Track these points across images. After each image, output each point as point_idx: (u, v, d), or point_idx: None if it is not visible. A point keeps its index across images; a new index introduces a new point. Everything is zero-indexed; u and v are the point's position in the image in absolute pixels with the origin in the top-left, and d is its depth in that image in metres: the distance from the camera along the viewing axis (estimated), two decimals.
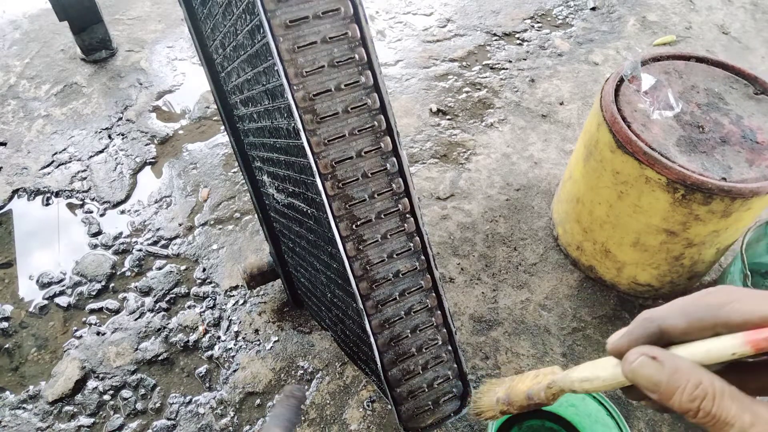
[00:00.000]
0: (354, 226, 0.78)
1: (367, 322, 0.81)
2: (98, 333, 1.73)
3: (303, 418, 1.55)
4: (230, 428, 1.54)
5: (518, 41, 2.84)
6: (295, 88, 0.70)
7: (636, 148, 1.46)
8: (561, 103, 2.51)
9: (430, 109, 2.45)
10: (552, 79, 2.63)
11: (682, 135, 1.51)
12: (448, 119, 2.42)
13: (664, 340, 0.37)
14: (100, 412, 1.57)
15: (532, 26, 2.93)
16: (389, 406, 1.56)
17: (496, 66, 2.68)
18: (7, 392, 1.61)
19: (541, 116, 2.45)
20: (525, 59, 2.73)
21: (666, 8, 3.09)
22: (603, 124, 1.56)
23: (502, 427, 1.45)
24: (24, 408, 1.58)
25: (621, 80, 1.62)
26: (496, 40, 2.84)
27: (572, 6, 3.08)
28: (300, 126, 0.71)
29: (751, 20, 3.06)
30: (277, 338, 1.72)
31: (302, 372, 1.64)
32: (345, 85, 0.72)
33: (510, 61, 2.71)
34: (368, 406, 1.57)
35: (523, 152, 2.30)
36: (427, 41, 2.82)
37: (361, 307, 0.80)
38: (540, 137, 2.36)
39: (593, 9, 3.06)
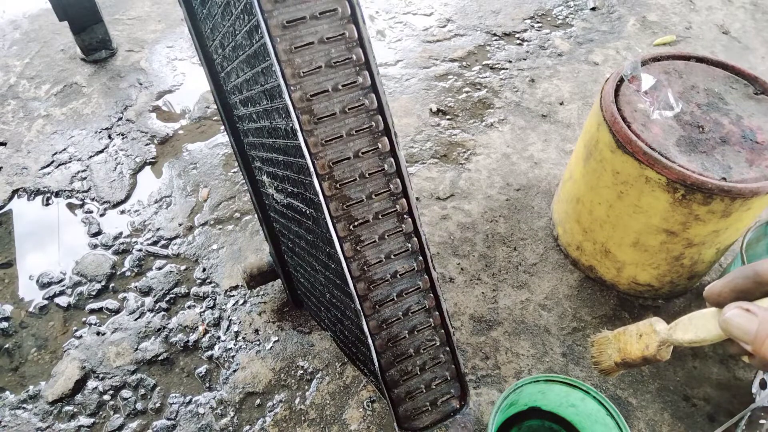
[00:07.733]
0: (352, 227, 0.77)
1: (365, 322, 0.80)
2: (98, 333, 1.73)
3: (303, 419, 1.55)
4: (230, 428, 1.54)
5: (518, 41, 2.84)
6: (292, 88, 0.70)
7: (636, 148, 1.46)
8: (561, 103, 2.51)
9: (430, 109, 2.45)
10: (552, 79, 2.63)
11: (682, 135, 1.51)
12: (448, 119, 2.42)
13: (758, 285, 0.38)
14: (100, 412, 1.57)
15: (532, 26, 2.93)
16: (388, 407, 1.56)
17: (496, 66, 2.68)
18: (7, 392, 1.61)
19: (541, 116, 2.45)
20: (525, 59, 2.73)
21: (666, 8, 3.09)
22: (603, 124, 1.56)
23: (502, 427, 1.45)
24: (24, 408, 1.58)
25: (621, 80, 1.62)
26: (496, 40, 2.84)
27: (572, 6, 3.08)
28: (297, 126, 0.71)
29: (751, 20, 3.06)
30: (277, 338, 1.72)
31: (302, 372, 1.64)
32: (342, 86, 0.72)
33: (510, 61, 2.71)
34: (368, 406, 1.57)
35: (523, 152, 2.30)
36: (427, 41, 2.82)
37: (359, 307, 0.80)
38: (540, 137, 2.36)
39: (593, 9, 3.06)
